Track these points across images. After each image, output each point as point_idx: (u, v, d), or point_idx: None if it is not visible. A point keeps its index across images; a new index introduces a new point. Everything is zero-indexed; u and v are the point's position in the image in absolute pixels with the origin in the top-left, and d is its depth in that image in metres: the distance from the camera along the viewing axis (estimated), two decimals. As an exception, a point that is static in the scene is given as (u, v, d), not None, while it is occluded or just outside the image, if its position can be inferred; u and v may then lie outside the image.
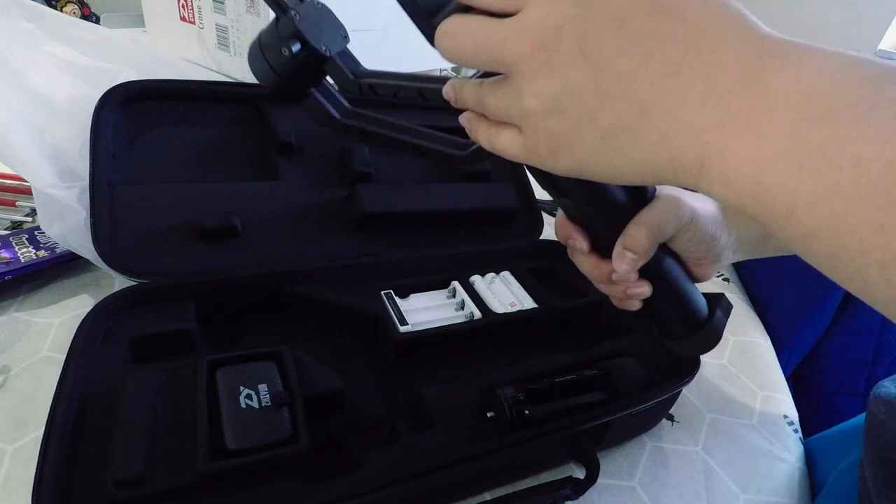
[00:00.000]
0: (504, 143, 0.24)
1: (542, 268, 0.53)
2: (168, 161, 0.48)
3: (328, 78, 0.33)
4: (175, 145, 0.49)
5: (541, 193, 0.78)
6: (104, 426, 0.30)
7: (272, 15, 0.52)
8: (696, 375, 0.40)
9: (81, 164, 0.45)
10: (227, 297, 0.42)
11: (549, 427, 0.33)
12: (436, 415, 0.35)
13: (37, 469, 0.27)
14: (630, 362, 0.40)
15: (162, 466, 0.29)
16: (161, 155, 0.48)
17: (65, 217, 0.44)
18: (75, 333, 0.35)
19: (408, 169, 0.55)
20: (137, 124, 0.48)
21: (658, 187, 0.32)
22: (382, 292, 0.45)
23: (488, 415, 0.35)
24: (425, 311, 0.45)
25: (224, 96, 0.52)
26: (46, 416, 0.30)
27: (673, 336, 0.31)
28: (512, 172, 0.62)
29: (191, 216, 0.44)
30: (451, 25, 0.23)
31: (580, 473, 0.36)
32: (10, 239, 0.48)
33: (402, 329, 0.41)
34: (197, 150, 0.50)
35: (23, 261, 0.46)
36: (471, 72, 0.28)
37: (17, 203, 0.54)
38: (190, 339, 0.37)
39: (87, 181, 0.42)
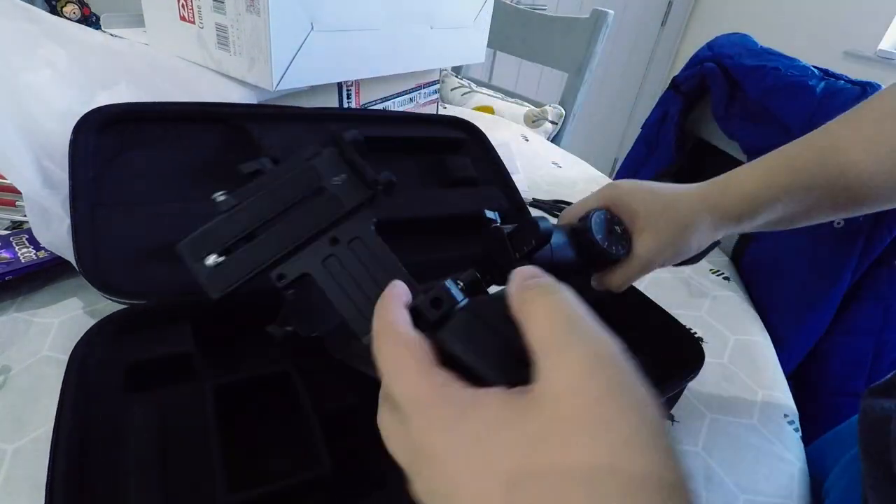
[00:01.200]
0: None
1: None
2: (151, 182, 0.47)
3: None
4: (157, 165, 0.48)
5: (539, 193, 0.78)
6: (110, 463, 0.28)
7: (273, 15, 0.53)
8: (697, 374, 0.40)
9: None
10: (224, 314, 0.39)
11: None
12: None
13: None
14: (638, 359, 0.40)
15: (180, 500, 0.27)
16: (144, 175, 0.47)
17: (51, 223, 0.43)
18: (67, 364, 0.33)
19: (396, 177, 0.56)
20: (117, 145, 0.46)
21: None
22: None
23: None
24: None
25: (207, 117, 0.51)
26: (47, 417, 0.29)
27: None
28: (496, 177, 0.63)
29: (178, 236, 0.43)
30: None
31: None
32: (10, 239, 0.48)
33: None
34: (181, 170, 0.48)
35: (23, 261, 0.46)
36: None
37: (17, 203, 0.54)
38: (189, 362, 0.36)
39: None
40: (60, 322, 0.44)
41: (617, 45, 2.57)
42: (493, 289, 0.27)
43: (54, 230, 0.44)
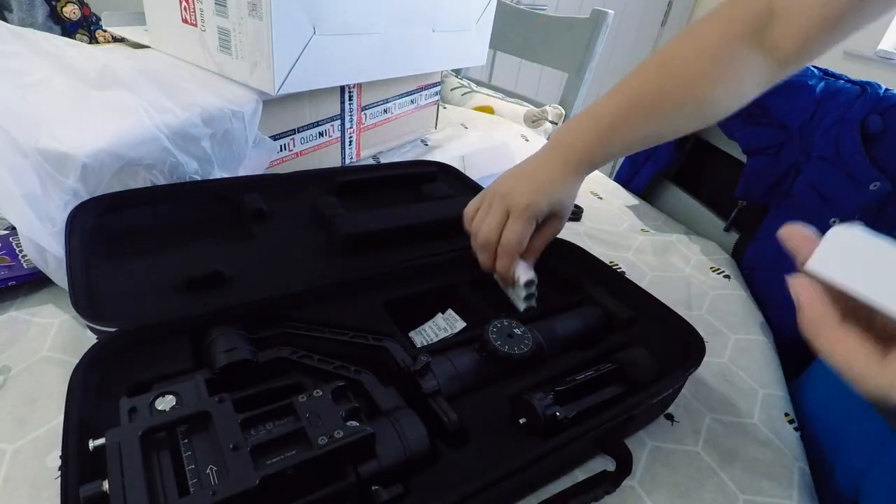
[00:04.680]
0: None
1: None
2: (144, 236, 0.49)
3: None
4: (148, 219, 0.51)
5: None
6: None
7: (275, 20, 0.53)
8: (697, 374, 0.40)
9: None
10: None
11: (585, 427, 0.34)
12: (471, 429, 0.34)
13: None
14: (639, 352, 0.40)
15: None
16: (135, 227, 0.50)
17: (49, 262, 0.44)
18: (68, 389, 0.32)
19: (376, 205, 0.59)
20: (110, 209, 0.49)
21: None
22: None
23: (520, 421, 0.35)
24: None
25: (194, 195, 0.55)
26: (47, 417, 0.29)
27: None
28: (469, 191, 0.65)
29: (174, 276, 0.43)
30: None
31: (602, 465, 0.38)
32: (10, 239, 0.48)
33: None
34: (171, 227, 0.51)
35: (26, 267, 0.46)
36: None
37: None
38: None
39: (63, 223, 0.44)
40: (60, 322, 0.44)
41: (617, 45, 2.57)
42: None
43: (52, 269, 0.45)
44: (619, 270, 0.64)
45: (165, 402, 0.30)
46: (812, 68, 0.67)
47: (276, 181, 0.60)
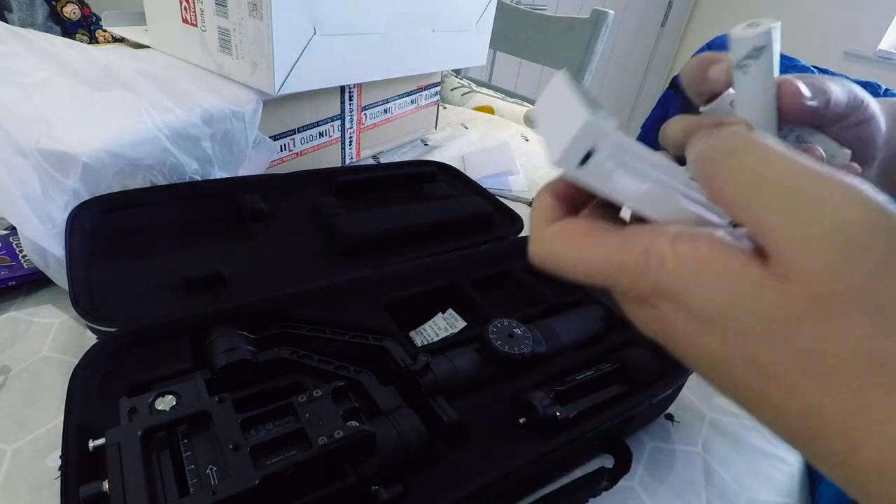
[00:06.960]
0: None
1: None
2: (144, 237, 0.49)
3: None
4: (148, 220, 0.51)
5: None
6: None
7: (275, 20, 0.53)
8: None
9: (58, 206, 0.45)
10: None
11: (585, 427, 0.34)
12: (470, 429, 0.34)
13: None
14: (640, 351, 0.40)
15: None
16: (135, 228, 0.50)
17: (49, 262, 0.44)
18: (68, 390, 0.32)
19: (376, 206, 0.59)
20: (110, 209, 0.49)
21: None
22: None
23: (520, 421, 0.35)
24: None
25: (194, 196, 0.54)
26: (47, 417, 0.29)
27: None
28: (470, 191, 0.66)
29: (174, 276, 0.43)
30: None
31: (603, 463, 0.38)
32: (10, 239, 0.48)
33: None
34: (171, 227, 0.51)
35: (26, 267, 0.46)
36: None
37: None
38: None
39: (63, 223, 0.44)
40: (60, 322, 0.44)
41: (617, 45, 2.57)
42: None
43: (52, 269, 0.45)
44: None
45: (165, 402, 0.30)
46: (812, 68, 0.67)
47: (276, 181, 0.60)
